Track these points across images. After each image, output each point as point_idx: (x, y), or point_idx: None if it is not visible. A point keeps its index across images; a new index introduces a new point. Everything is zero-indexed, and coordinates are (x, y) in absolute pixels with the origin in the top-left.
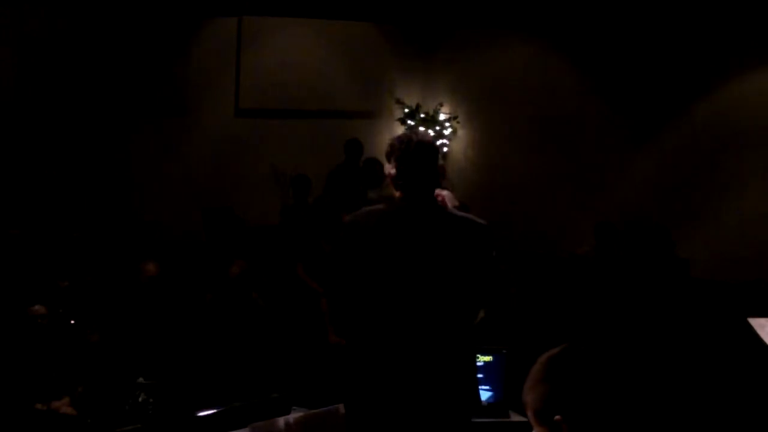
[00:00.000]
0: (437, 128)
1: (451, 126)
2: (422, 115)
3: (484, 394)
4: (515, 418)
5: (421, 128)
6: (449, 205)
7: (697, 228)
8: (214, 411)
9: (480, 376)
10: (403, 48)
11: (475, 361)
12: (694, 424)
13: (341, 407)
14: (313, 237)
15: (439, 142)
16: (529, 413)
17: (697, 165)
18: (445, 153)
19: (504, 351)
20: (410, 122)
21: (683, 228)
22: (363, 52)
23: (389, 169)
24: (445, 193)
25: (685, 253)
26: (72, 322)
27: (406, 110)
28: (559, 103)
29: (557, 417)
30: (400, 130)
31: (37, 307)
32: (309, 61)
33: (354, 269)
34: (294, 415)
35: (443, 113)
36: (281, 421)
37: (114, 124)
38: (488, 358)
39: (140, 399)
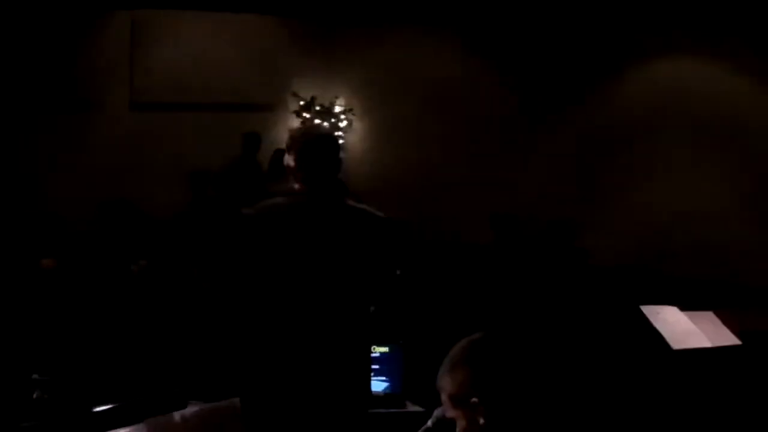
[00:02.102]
0: (332, 120)
1: (346, 118)
2: (317, 108)
3: (381, 385)
4: (411, 408)
5: (317, 120)
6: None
7: (597, 218)
8: (110, 407)
9: (377, 367)
10: (300, 40)
11: (370, 355)
12: (595, 410)
13: (237, 401)
14: (207, 232)
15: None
16: (444, 396)
17: (599, 157)
18: (342, 145)
19: (401, 342)
20: (306, 114)
21: (584, 218)
22: (260, 45)
23: (289, 160)
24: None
25: (586, 242)
26: None
27: (302, 102)
28: (457, 94)
29: (474, 399)
30: (295, 122)
31: None
32: (206, 54)
33: (254, 262)
34: (190, 410)
35: (339, 105)
36: (177, 415)
37: (10, 120)
38: (385, 349)
39: (35, 396)
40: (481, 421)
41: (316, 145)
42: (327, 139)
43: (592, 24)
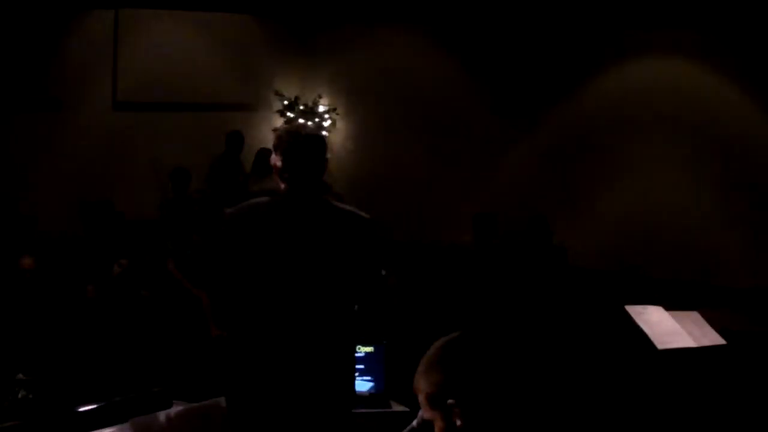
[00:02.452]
0: (316, 120)
1: (330, 118)
2: (301, 107)
3: (365, 385)
4: (396, 408)
5: (301, 120)
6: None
7: (575, 218)
8: (95, 406)
9: (361, 366)
10: (282, 40)
11: (355, 354)
12: (579, 410)
13: (222, 400)
14: (188, 231)
15: None
16: (421, 397)
17: (576, 156)
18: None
19: (384, 341)
20: (290, 114)
21: (561, 218)
22: (242, 45)
23: (275, 160)
24: None
25: (563, 242)
26: None
27: (285, 102)
28: (438, 93)
29: (450, 401)
30: (279, 121)
31: None
32: (188, 54)
33: (237, 262)
34: (175, 409)
35: (322, 105)
36: (162, 415)
37: None
38: (369, 349)
39: (20, 395)
40: (458, 422)
41: (303, 144)
42: (314, 139)
43: (567, 24)
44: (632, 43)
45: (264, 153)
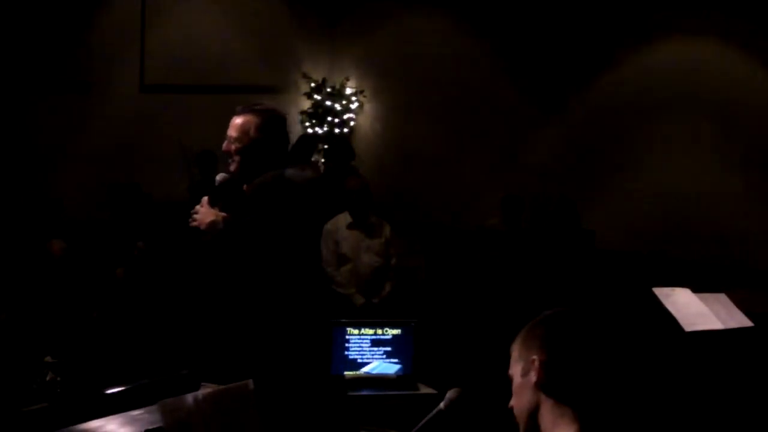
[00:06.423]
0: (344, 102)
1: (357, 100)
2: (329, 89)
3: (393, 367)
4: (424, 390)
5: (327, 102)
6: None
7: (602, 201)
8: (122, 388)
9: (388, 349)
10: (310, 22)
11: None
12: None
13: (250, 383)
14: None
15: (345, 117)
16: (514, 354)
17: (602, 138)
18: (352, 127)
19: (412, 323)
20: (317, 96)
21: (588, 200)
22: (270, 27)
23: (256, 134)
24: None
25: (589, 225)
26: None
27: (312, 84)
28: (465, 75)
29: (534, 356)
30: (306, 104)
31: None
32: (215, 35)
33: (295, 232)
34: (203, 392)
35: (349, 87)
36: (190, 397)
37: (15, 100)
38: (396, 331)
39: (48, 378)
40: (535, 377)
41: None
42: None
43: (595, 6)
44: (660, 24)
45: (307, 138)
